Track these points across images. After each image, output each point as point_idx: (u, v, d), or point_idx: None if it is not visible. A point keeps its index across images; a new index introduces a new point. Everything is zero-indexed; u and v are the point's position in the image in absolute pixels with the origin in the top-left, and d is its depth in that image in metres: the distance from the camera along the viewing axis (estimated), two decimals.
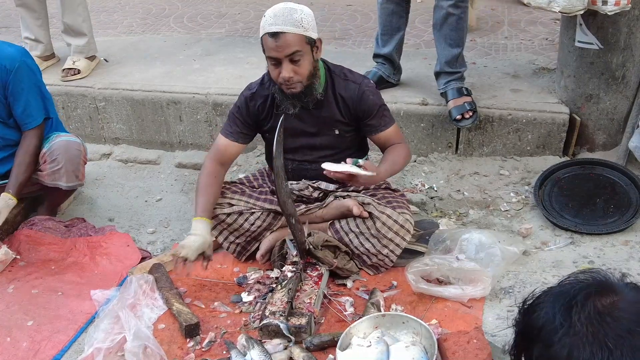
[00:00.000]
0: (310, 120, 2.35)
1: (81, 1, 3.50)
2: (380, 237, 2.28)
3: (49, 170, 2.59)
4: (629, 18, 2.62)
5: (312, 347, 1.97)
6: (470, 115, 2.82)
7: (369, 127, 2.36)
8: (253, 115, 2.38)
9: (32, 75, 2.57)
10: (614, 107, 2.84)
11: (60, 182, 2.61)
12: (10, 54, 2.51)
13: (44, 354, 2.07)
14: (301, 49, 2.13)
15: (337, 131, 2.37)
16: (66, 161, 2.59)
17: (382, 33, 3.06)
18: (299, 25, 2.11)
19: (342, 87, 2.31)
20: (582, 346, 1.08)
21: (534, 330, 1.18)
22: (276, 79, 2.19)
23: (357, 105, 2.31)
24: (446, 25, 2.81)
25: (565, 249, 2.41)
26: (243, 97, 2.39)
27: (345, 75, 2.33)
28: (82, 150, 2.68)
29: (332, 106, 2.32)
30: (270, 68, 2.20)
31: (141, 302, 2.21)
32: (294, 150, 2.41)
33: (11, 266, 2.52)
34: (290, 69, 2.14)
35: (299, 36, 2.11)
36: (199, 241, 2.21)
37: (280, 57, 2.12)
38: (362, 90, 2.29)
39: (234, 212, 2.39)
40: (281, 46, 2.10)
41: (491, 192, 2.81)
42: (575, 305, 1.13)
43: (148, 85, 3.39)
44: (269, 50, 2.13)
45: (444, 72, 2.91)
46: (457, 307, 2.13)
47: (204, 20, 4.57)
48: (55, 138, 2.64)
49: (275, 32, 2.09)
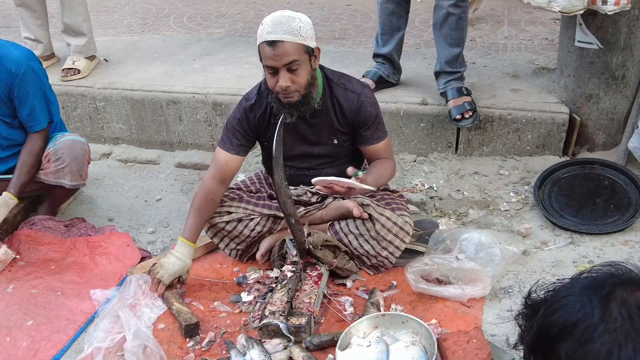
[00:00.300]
0: (309, 129, 2.33)
1: (81, 1, 3.50)
2: (380, 239, 2.28)
3: (53, 169, 2.59)
4: (629, 18, 2.62)
5: (312, 347, 1.97)
6: (470, 115, 2.81)
7: (361, 138, 2.34)
8: (254, 127, 2.34)
9: (38, 79, 2.57)
10: (613, 106, 2.84)
11: (64, 181, 2.62)
12: (17, 57, 2.51)
13: (43, 354, 2.07)
14: (299, 58, 2.08)
15: (336, 140, 2.35)
16: (71, 160, 2.60)
17: (382, 33, 3.06)
18: (297, 34, 2.06)
19: (341, 96, 2.28)
20: (624, 343, 1.01)
21: (563, 326, 1.08)
22: (273, 88, 2.15)
23: (355, 115, 2.28)
24: (446, 25, 2.81)
25: (565, 249, 2.41)
26: (242, 108, 2.33)
27: (345, 85, 2.29)
28: (87, 150, 2.70)
29: (331, 115, 2.29)
30: (267, 77, 2.16)
31: (141, 301, 2.21)
32: (293, 157, 2.39)
33: (11, 266, 2.52)
34: (288, 78, 2.10)
35: (297, 45, 2.07)
36: (178, 265, 2.23)
37: (278, 66, 2.08)
38: (361, 100, 2.26)
39: (233, 220, 2.38)
40: (279, 55, 2.05)
41: (491, 192, 2.81)
42: (614, 299, 1.05)
43: (148, 85, 3.39)
44: (266, 59, 2.09)
45: (444, 71, 2.91)
46: (456, 307, 2.13)
47: (204, 20, 4.57)
48: (60, 137, 2.66)
49: (273, 41, 2.04)
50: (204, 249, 2.54)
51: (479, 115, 2.87)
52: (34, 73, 2.55)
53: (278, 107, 2.22)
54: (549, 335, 1.11)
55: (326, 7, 4.65)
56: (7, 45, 2.56)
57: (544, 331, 1.13)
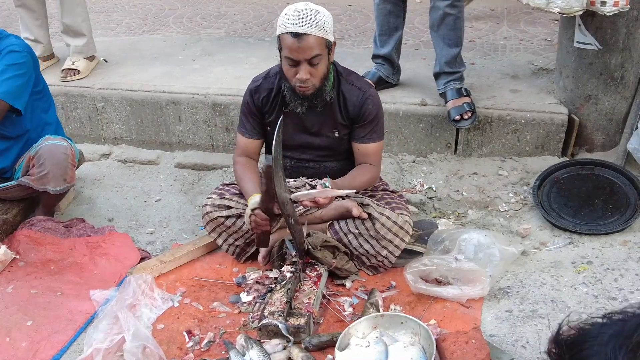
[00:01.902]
0: (313, 120, 2.36)
1: (80, 1, 3.50)
2: (380, 238, 2.28)
3: (37, 175, 2.57)
4: (628, 19, 2.62)
5: (311, 347, 1.98)
6: (469, 116, 2.82)
7: (355, 133, 2.37)
8: (258, 108, 2.40)
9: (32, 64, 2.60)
10: (612, 107, 2.84)
11: (49, 187, 2.59)
12: (19, 42, 2.58)
13: (43, 354, 2.08)
14: (321, 53, 2.12)
15: (337, 133, 2.38)
16: (53, 166, 2.56)
17: (380, 33, 3.07)
18: (321, 28, 2.10)
19: (348, 90, 2.32)
20: None
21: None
22: (291, 79, 2.19)
23: (357, 110, 2.32)
24: (444, 26, 2.81)
25: (564, 250, 2.42)
26: (249, 90, 2.41)
27: (352, 81, 2.34)
28: (70, 154, 2.63)
29: (336, 108, 2.33)
30: (285, 67, 2.19)
31: (140, 302, 2.21)
32: (293, 147, 2.41)
33: (10, 266, 2.52)
34: (308, 71, 2.14)
35: (320, 39, 2.11)
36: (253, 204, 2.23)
37: (301, 59, 2.11)
38: (365, 96, 2.31)
39: (233, 215, 2.39)
40: (303, 48, 2.08)
41: (490, 192, 2.81)
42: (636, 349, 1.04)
43: (147, 85, 3.39)
44: (290, 51, 2.11)
45: (444, 72, 2.91)
46: (455, 308, 2.14)
47: (204, 20, 4.58)
48: (42, 142, 2.63)
49: (299, 34, 2.07)
50: (203, 249, 2.54)
51: (478, 116, 2.87)
52: (30, 57, 2.58)
53: (290, 96, 2.25)
54: None
55: (326, 7, 4.63)
56: (10, 35, 2.60)
57: None
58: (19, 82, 2.53)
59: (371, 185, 2.47)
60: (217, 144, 3.33)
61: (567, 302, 2.14)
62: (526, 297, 2.18)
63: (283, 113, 2.30)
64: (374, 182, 2.46)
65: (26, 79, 2.57)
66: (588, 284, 2.22)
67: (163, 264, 2.43)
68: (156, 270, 2.41)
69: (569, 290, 2.20)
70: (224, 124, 3.26)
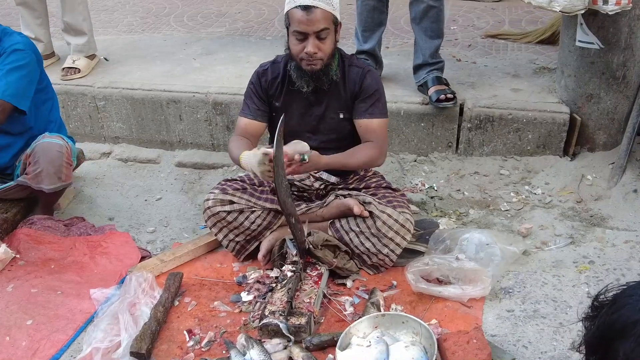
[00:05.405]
0: (319, 101, 2.38)
1: (81, 0, 3.50)
2: (381, 237, 2.28)
3: (32, 174, 2.57)
4: (630, 18, 2.61)
5: (312, 347, 1.97)
6: (451, 97, 2.86)
7: (357, 109, 2.37)
8: (264, 90, 2.42)
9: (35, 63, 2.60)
10: (614, 106, 2.83)
11: (43, 185, 2.57)
12: (24, 39, 2.58)
13: (42, 353, 2.07)
14: (329, 27, 2.18)
15: (342, 115, 2.40)
16: (46, 164, 2.54)
17: (363, 29, 3.10)
18: (329, 3, 2.17)
19: (349, 70, 2.37)
20: None
21: (624, 325, 1.07)
22: (298, 54, 2.22)
23: (358, 86, 2.35)
24: (427, 19, 2.88)
25: (565, 249, 2.41)
26: (255, 73, 2.44)
27: (353, 62, 2.40)
28: (64, 152, 2.60)
29: (340, 88, 2.37)
30: (292, 42, 2.23)
31: (140, 300, 2.21)
32: (298, 133, 2.39)
33: (10, 265, 2.51)
34: (315, 44, 2.18)
35: (328, 14, 2.17)
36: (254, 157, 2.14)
37: (309, 32, 2.16)
38: (365, 72, 2.36)
39: (235, 210, 2.39)
40: (311, 20, 2.13)
41: (491, 191, 2.80)
42: None
43: (148, 84, 3.38)
44: (299, 24, 2.16)
45: (427, 63, 2.97)
46: (457, 307, 2.13)
47: (204, 19, 4.57)
48: (39, 139, 2.62)
49: (308, 6, 2.13)
50: (204, 248, 2.53)
51: (479, 115, 2.87)
52: (34, 55, 2.58)
53: (297, 75, 2.28)
54: (608, 334, 1.10)
55: None
56: (14, 33, 2.60)
57: (604, 330, 1.12)
58: (23, 83, 2.54)
59: (373, 164, 2.42)
60: (217, 143, 3.33)
61: (569, 302, 2.13)
62: (528, 296, 2.17)
63: (289, 95, 2.34)
64: (376, 162, 2.39)
65: (30, 79, 2.57)
66: (590, 283, 2.21)
67: (164, 263, 2.43)
68: (157, 269, 2.40)
69: (571, 290, 2.19)
70: (224, 123, 3.26)
